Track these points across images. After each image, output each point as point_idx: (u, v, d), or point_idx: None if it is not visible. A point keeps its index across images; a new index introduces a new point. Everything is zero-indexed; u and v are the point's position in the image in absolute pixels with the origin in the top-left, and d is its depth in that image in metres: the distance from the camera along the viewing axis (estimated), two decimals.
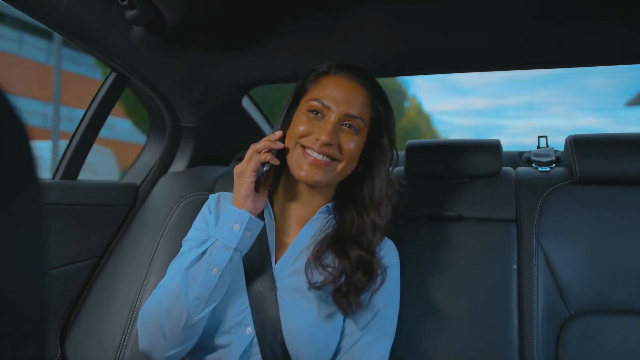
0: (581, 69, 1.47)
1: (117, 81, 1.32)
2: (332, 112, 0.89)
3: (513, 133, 3.49)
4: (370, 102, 0.94)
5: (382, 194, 0.95)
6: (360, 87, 0.93)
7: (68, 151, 1.30)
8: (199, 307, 0.83)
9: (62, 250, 1.24)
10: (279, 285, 0.90)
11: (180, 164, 1.57)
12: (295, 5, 1.10)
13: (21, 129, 0.32)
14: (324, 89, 0.92)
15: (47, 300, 0.33)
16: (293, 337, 0.86)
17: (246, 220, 0.86)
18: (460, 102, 11.14)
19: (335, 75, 0.94)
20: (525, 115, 9.08)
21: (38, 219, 0.33)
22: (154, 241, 1.30)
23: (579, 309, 1.12)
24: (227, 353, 0.87)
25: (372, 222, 0.93)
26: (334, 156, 0.89)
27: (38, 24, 1.01)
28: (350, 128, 0.90)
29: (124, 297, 1.24)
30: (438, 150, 1.38)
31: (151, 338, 0.86)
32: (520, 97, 7.94)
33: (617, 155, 1.22)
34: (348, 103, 0.90)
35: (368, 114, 0.93)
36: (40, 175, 0.34)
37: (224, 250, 0.84)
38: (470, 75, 1.53)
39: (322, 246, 0.91)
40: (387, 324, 0.94)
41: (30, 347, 0.31)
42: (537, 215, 1.22)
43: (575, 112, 9.50)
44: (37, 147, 0.33)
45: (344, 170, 0.92)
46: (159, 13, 1.04)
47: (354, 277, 0.87)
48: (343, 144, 0.89)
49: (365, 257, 0.90)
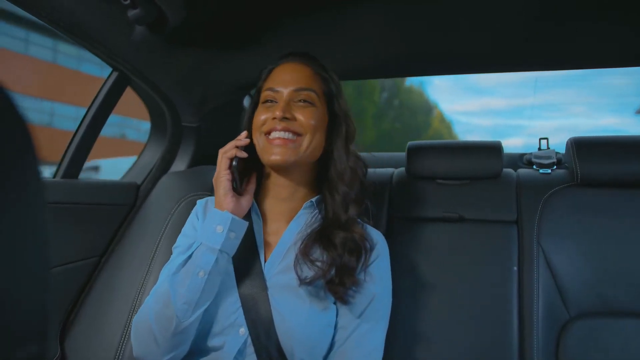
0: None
1: (118, 80, 1.31)
2: (282, 93, 0.94)
3: (531, 133, 3.48)
4: (317, 75, 0.98)
5: (343, 165, 0.96)
6: (303, 65, 0.98)
7: (69, 150, 1.29)
8: (188, 311, 0.83)
9: (62, 249, 1.24)
10: (269, 284, 0.90)
11: (181, 163, 1.57)
12: (295, 5, 1.10)
13: (24, 127, 0.32)
14: (273, 79, 0.98)
15: (49, 299, 0.33)
16: (287, 334, 0.86)
17: (229, 221, 0.87)
18: (478, 102, 11.15)
19: (281, 64, 0.99)
20: (545, 116, 9.05)
21: (40, 218, 0.33)
22: (155, 241, 1.30)
23: (579, 311, 1.12)
24: (221, 355, 0.87)
25: (343, 197, 0.95)
26: (296, 130, 0.91)
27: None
28: (304, 102, 0.94)
29: (124, 296, 1.24)
30: (439, 152, 1.38)
31: (144, 345, 0.87)
32: (539, 97, 7.91)
33: (618, 157, 1.21)
34: (294, 80, 0.95)
35: (318, 85, 0.97)
36: (43, 174, 0.34)
37: (208, 253, 0.85)
38: (489, 74, 1.53)
39: (309, 241, 0.92)
40: (381, 313, 0.94)
41: (32, 346, 0.31)
42: (538, 217, 1.22)
43: (596, 112, 9.46)
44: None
45: (311, 145, 0.93)
46: (160, 13, 1.04)
47: (343, 261, 0.88)
48: (300, 117, 0.92)
49: (348, 236, 0.91)
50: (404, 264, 1.23)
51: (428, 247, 1.25)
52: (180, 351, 0.87)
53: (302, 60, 0.99)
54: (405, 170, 1.40)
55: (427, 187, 1.34)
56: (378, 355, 0.91)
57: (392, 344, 1.14)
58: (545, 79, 5.23)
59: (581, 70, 1.49)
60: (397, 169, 1.44)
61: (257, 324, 0.86)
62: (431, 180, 1.35)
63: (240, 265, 0.92)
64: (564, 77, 7.30)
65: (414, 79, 9.73)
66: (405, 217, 1.32)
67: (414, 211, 1.31)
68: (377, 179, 1.38)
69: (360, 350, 0.88)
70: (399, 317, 1.17)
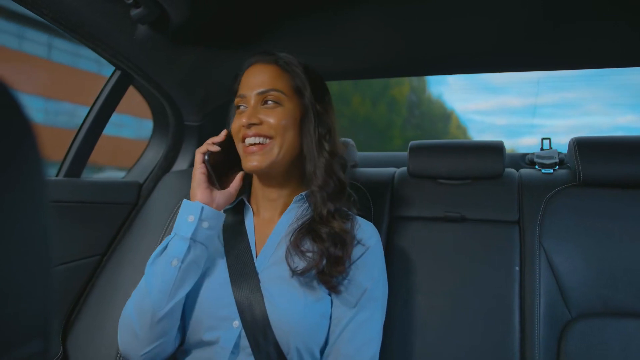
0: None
1: (121, 79, 1.32)
2: (249, 98, 0.94)
3: (546, 132, 3.50)
4: (283, 73, 0.96)
5: (314, 162, 0.95)
6: (267, 65, 0.97)
7: (72, 149, 1.30)
8: (163, 300, 0.85)
9: (64, 247, 1.25)
10: (261, 276, 0.91)
11: (184, 162, 1.57)
12: (296, 5, 1.10)
13: (27, 125, 0.32)
14: (242, 84, 0.98)
15: (52, 297, 0.33)
16: (281, 326, 0.86)
17: (199, 211, 0.89)
18: (493, 101, 11.07)
19: (248, 68, 0.99)
20: (562, 114, 8.96)
21: (43, 215, 0.33)
22: (157, 239, 1.30)
23: (580, 311, 1.12)
24: (217, 350, 0.88)
25: (320, 190, 0.94)
26: (267, 134, 0.92)
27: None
28: (272, 103, 0.94)
29: (126, 294, 1.23)
30: (441, 152, 1.38)
31: (126, 339, 0.89)
32: (555, 95, 7.83)
33: (620, 157, 1.21)
34: (258, 83, 0.94)
35: (284, 83, 0.95)
36: (46, 172, 0.34)
37: (180, 242, 0.87)
38: (503, 73, 1.52)
39: (299, 233, 0.93)
40: (376, 304, 0.94)
41: (35, 344, 0.31)
42: (540, 217, 1.21)
43: (613, 110, 9.32)
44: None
45: (283, 146, 0.93)
46: (163, 12, 1.05)
47: (330, 252, 0.89)
48: (268, 120, 0.92)
49: (333, 229, 0.92)
50: (405, 264, 1.23)
51: (429, 247, 1.25)
52: (162, 344, 0.88)
53: (266, 60, 0.98)
54: (407, 169, 1.40)
55: (429, 186, 1.34)
56: (375, 345, 0.91)
57: (392, 343, 1.15)
58: (561, 77, 5.15)
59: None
60: (399, 169, 1.44)
61: (250, 317, 0.87)
62: (433, 180, 1.35)
63: (232, 258, 0.94)
64: (580, 75, 7.25)
65: (433, 90, 9.96)
66: (406, 217, 1.32)
67: (415, 211, 1.31)
68: (378, 178, 1.38)
69: (355, 341, 0.89)
70: (399, 317, 1.17)
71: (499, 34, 1.22)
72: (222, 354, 0.87)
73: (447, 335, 1.14)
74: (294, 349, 0.86)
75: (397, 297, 1.17)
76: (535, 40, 1.24)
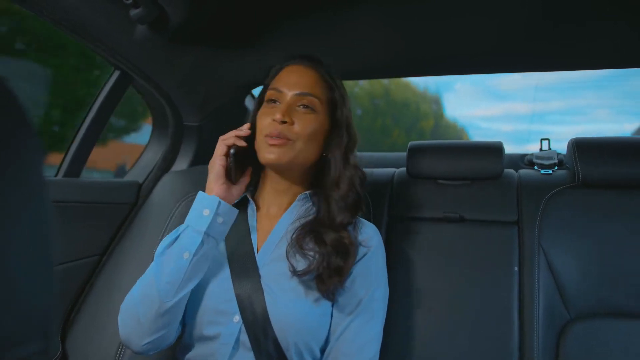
0: (624, 71, 1.45)
1: (120, 79, 1.32)
2: (285, 95, 0.94)
3: (553, 139, 3.52)
4: (322, 81, 0.98)
5: (339, 174, 0.96)
6: (309, 68, 0.98)
7: (71, 149, 1.30)
8: (171, 292, 0.85)
9: (63, 247, 1.24)
10: (262, 272, 0.91)
11: (183, 162, 1.57)
12: (296, 5, 1.11)
13: (25, 122, 0.32)
14: (279, 79, 0.98)
15: (53, 297, 0.33)
16: (281, 323, 0.86)
17: (215, 205, 0.88)
18: (500, 107, 11.00)
19: (288, 65, 0.99)
20: (569, 120, 8.95)
21: (44, 214, 0.33)
22: (156, 239, 1.30)
23: (579, 312, 1.12)
24: (218, 345, 0.88)
25: (337, 203, 0.95)
26: (288, 136, 0.91)
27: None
28: (305, 108, 0.94)
29: (125, 294, 1.24)
30: (440, 152, 1.38)
31: (128, 326, 0.89)
32: (563, 101, 7.83)
33: (619, 158, 1.21)
34: (298, 84, 0.95)
35: (322, 92, 0.96)
36: (45, 170, 0.34)
37: (194, 235, 0.87)
38: (510, 79, 1.52)
39: (301, 232, 0.93)
40: (376, 305, 0.94)
41: (35, 344, 0.31)
42: (539, 218, 1.21)
43: (621, 116, 9.26)
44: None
45: (303, 151, 0.93)
46: (162, 12, 1.05)
47: (331, 260, 0.89)
48: (298, 123, 0.92)
49: (338, 238, 0.92)
50: (404, 264, 1.23)
51: (428, 247, 1.25)
52: (164, 335, 0.88)
53: (309, 64, 0.99)
54: (406, 170, 1.40)
55: (428, 187, 1.34)
56: (375, 345, 0.91)
57: (391, 344, 1.14)
58: (569, 83, 5.22)
59: (605, 73, 1.47)
60: (398, 169, 1.44)
61: (250, 312, 0.87)
62: (432, 180, 1.35)
63: (233, 253, 0.94)
64: (587, 82, 7.30)
65: (448, 113, 10.19)
66: (405, 217, 1.32)
67: (414, 211, 1.31)
68: (378, 179, 1.38)
69: (356, 341, 0.89)
70: (398, 317, 1.17)
71: (498, 34, 1.22)
72: (223, 351, 0.87)
73: (445, 336, 1.14)
74: (293, 346, 0.86)
75: (396, 297, 1.17)
76: (535, 41, 1.24)
